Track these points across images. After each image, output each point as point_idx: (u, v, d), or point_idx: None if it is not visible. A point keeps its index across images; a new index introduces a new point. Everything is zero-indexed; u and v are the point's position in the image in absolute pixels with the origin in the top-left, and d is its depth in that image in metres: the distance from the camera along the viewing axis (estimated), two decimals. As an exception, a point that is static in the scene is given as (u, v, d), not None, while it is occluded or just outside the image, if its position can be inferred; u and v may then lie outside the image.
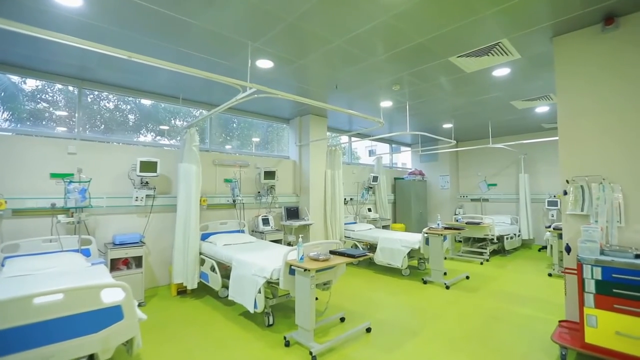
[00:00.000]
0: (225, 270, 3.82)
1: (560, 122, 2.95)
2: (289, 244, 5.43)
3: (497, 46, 3.19)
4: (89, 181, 3.65)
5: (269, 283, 3.04)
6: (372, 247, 5.42)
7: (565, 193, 2.83)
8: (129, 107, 4.58)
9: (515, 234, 6.84)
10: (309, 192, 5.74)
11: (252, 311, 3.07)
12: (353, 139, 7.37)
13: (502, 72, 3.84)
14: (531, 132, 7.35)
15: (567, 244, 2.78)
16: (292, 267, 2.82)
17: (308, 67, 3.68)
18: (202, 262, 4.08)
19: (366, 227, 6.14)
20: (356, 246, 5.60)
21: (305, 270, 2.65)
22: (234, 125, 5.72)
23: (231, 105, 3.25)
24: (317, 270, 2.77)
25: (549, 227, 6.94)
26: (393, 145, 8.85)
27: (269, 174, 5.31)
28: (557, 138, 5.85)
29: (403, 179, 8.04)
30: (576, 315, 2.70)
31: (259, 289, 3.01)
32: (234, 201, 4.99)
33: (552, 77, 3.98)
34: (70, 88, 4.03)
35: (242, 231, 4.94)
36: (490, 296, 4.05)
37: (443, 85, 4.31)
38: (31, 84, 3.87)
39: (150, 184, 4.21)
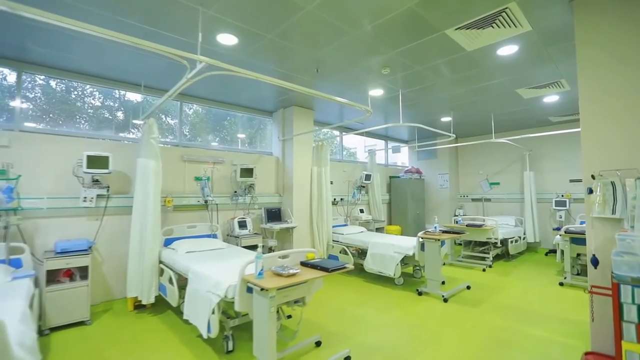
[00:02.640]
0: (185, 282, 3.26)
1: (582, 104, 2.40)
2: (270, 250, 4.88)
3: (504, 13, 2.63)
4: (17, 178, 3.09)
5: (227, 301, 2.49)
6: (363, 253, 4.87)
7: (591, 191, 2.27)
8: (89, 97, 4.03)
9: (520, 237, 6.28)
10: (293, 191, 5.19)
11: (205, 336, 2.51)
12: (341, 133, 6.82)
13: (508, 50, 3.28)
14: (537, 127, 6.78)
15: (593, 255, 2.22)
16: (249, 284, 2.27)
17: (280, 44, 3.13)
18: (162, 272, 3.53)
19: (357, 230, 5.58)
20: (345, 251, 5.04)
21: (262, 289, 2.10)
22: (211, 118, 5.16)
23: (183, 87, 2.69)
24: (280, 288, 2.21)
25: (558, 229, 6.41)
26: (393, 145, 8.28)
27: (246, 172, 4.75)
28: (566, 131, 5.37)
29: (399, 177, 7.48)
30: (606, 346, 2.14)
31: (213, 309, 2.45)
32: (205, 202, 4.43)
33: (566, 56, 3.42)
34: (7, 71, 3.48)
35: (214, 236, 4.39)
36: (495, 312, 3.49)
37: (440, 69, 3.75)
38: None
39: (103, 182, 3.65)
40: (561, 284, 4.45)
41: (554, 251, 6.47)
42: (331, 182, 6.08)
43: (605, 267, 2.22)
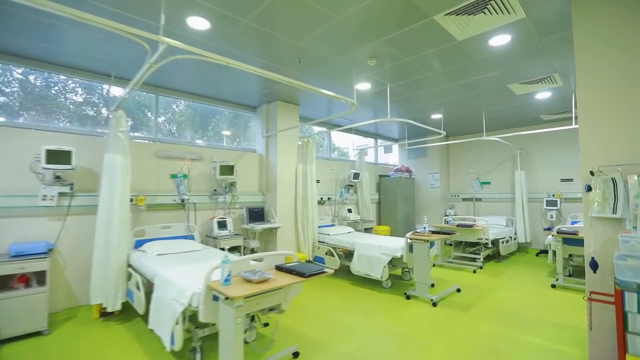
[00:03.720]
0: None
1: (580, 95, 2.22)
2: (252, 252, 4.63)
3: (497, -3, 2.44)
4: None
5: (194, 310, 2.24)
6: (350, 254, 4.66)
7: (589, 189, 2.09)
8: (54, 87, 3.73)
9: (511, 237, 6.14)
10: (277, 190, 4.95)
11: (168, 349, 2.26)
12: (329, 130, 6.61)
13: (500, 40, 3.09)
14: (528, 125, 6.66)
15: (592, 258, 2.04)
16: (214, 292, 2.03)
17: (258, 30, 2.89)
18: (130, 276, 3.26)
19: (344, 231, 5.37)
20: (331, 253, 4.82)
21: (227, 298, 1.86)
22: (197, 115, 4.88)
23: (148, 74, 2.45)
24: (249, 297, 1.98)
25: (548, 229, 6.29)
26: (382, 144, 8.09)
27: (226, 169, 4.49)
28: (558, 129, 5.23)
29: (388, 176, 7.29)
30: (606, 357, 1.96)
31: (177, 319, 2.20)
32: (182, 201, 4.16)
33: (561, 48, 3.26)
34: (-42, 56, 3.18)
35: (191, 237, 4.12)
36: (487, 316, 3.31)
37: (429, 61, 3.56)
38: None
39: (66, 179, 3.36)
40: (553, 286, 4.30)
41: (544, 251, 6.36)
42: (318, 181, 5.86)
43: (605, 271, 2.04)
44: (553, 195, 6.41)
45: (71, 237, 3.45)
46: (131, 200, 3.69)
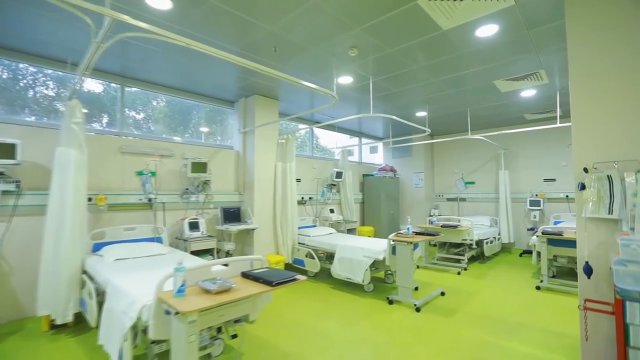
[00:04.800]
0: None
1: (572, 87, 2.06)
2: (228, 254, 4.35)
3: (485, -20, 2.26)
4: None
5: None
6: (332, 256, 4.43)
7: (583, 187, 1.92)
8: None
9: (495, 238, 6.06)
10: (254, 189, 4.67)
11: (115, 369, 1.97)
12: (311, 128, 6.37)
13: (488, 30, 2.93)
14: (512, 125, 6.62)
15: (586, 262, 1.87)
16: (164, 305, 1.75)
17: (227, 12, 2.62)
18: (84, 284, 2.93)
19: (325, 232, 5.14)
20: (311, 255, 4.59)
21: (176, 313, 1.60)
22: (174, 110, 4.55)
23: (96, 55, 2.15)
24: (206, 310, 1.72)
25: (532, 229, 6.25)
26: (367, 142, 7.91)
27: (199, 166, 4.19)
28: (544, 127, 5.15)
29: (372, 175, 7.11)
30: (602, 371, 1.80)
31: (125, 335, 1.92)
32: (149, 200, 3.84)
33: (549, 41, 3.12)
34: None
35: (159, 239, 3.80)
36: (472, 322, 3.14)
37: (413, 52, 3.37)
38: None
39: (10, 175, 3.00)
40: (538, 288, 4.20)
41: (528, 252, 6.32)
42: (299, 180, 5.62)
43: (600, 277, 1.88)
44: (536, 195, 6.37)
45: (18, 241, 3.09)
46: (90, 199, 3.38)
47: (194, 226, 4.08)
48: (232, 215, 4.53)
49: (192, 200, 4.33)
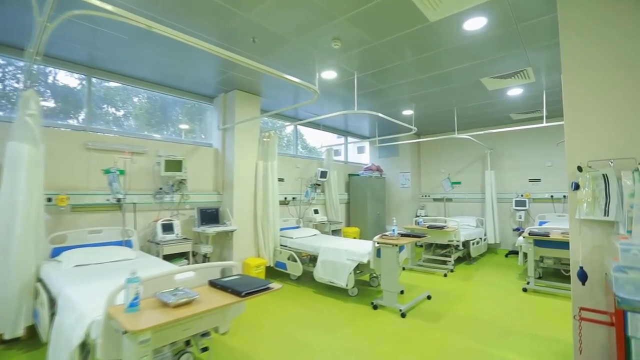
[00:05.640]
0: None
1: (565, 79, 1.93)
2: (205, 258, 4.12)
3: (474, -34, 2.12)
4: None
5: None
6: (315, 259, 4.24)
7: (577, 187, 1.80)
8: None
9: (481, 238, 6.00)
10: (234, 188, 4.45)
11: (61, 394, 1.73)
12: (296, 126, 6.18)
13: (476, 23, 2.80)
14: (498, 125, 6.58)
15: (580, 267, 1.74)
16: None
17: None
18: (38, 294, 2.65)
19: (309, 233, 4.95)
20: (293, 258, 4.39)
21: (125, 332, 1.38)
22: (155, 107, 4.27)
23: (44, 37, 1.90)
24: (162, 326, 1.50)
25: (518, 230, 6.23)
26: (353, 141, 7.75)
27: (173, 164, 3.94)
28: (529, 127, 5.14)
29: (358, 175, 6.97)
30: (598, 385, 1.67)
31: (72, 355, 1.68)
32: (118, 200, 3.57)
33: (538, 37, 3.02)
34: None
35: (128, 243, 3.54)
36: (459, 327, 3.01)
37: (399, 46, 3.22)
38: None
39: (-45, 173, 2.70)
40: (525, 290, 4.12)
41: (513, 252, 6.29)
42: (282, 179, 5.41)
43: (594, 283, 1.76)
44: (522, 196, 6.35)
45: (-36, 246, 2.78)
46: (49, 199, 3.10)
47: (167, 228, 3.83)
48: (210, 216, 4.29)
49: (167, 200, 4.07)
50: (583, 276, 1.72)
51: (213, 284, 1.89)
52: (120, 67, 3.77)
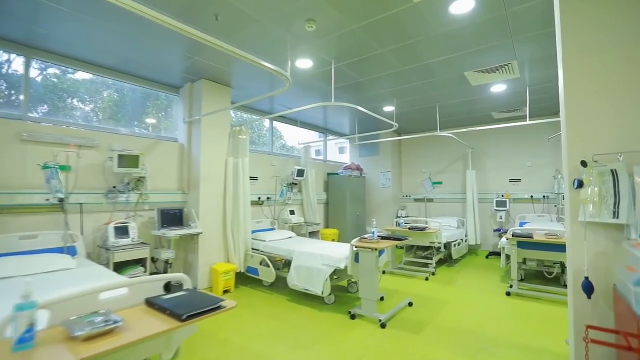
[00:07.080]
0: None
1: (565, 63, 1.70)
2: (167, 264, 3.70)
3: None
4: None
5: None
6: (290, 264, 3.91)
7: (580, 185, 1.56)
8: None
9: (462, 240, 5.85)
10: (200, 187, 4.04)
11: None
12: (272, 122, 5.83)
13: (463, 6, 2.56)
14: (480, 124, 6.46)
15: (586, 278, 1.50)
16: None
17: (144, -44, 2.03)
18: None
19: (284, 236, 4.61)
20: (266, 263, 4.04)
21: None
22: (120, 100, 3.79)
23: None
24: (67, 368, 1.13)
25: (499, 231, 6.12)
26: (333, 141, 7.45)
27: (129, 160, 3.50)
28: (511, 125, 4.99)
29: (337, 174, 6.68)
30: (607, 417, 1.43)
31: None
32: (60, 200, 3.10)
33: (527, 24, 2.82)
34: None
35: (71, 250, 3.08)
36: (442, 338, 2.76)
37: (380, 31, 2.94)
38: None
39: None
40: (508, 294, 3.95)
41: (494, 253, 6.18)
42: (255, 178, 5.05)
43: (599, 295, 1.52)
44: (502, 196, 6.26)
45: None
46: (-30, 199, 2.61)
47: (121, 232, 3.39)
48: (173, 218, 3.88)
49: (121, 200, 3.62)
50: (589, 288, 1.48)
51: (151, 303, 1.53)
52: (68, 49, 3.30)
